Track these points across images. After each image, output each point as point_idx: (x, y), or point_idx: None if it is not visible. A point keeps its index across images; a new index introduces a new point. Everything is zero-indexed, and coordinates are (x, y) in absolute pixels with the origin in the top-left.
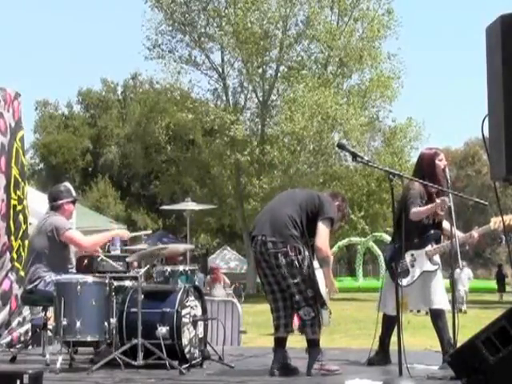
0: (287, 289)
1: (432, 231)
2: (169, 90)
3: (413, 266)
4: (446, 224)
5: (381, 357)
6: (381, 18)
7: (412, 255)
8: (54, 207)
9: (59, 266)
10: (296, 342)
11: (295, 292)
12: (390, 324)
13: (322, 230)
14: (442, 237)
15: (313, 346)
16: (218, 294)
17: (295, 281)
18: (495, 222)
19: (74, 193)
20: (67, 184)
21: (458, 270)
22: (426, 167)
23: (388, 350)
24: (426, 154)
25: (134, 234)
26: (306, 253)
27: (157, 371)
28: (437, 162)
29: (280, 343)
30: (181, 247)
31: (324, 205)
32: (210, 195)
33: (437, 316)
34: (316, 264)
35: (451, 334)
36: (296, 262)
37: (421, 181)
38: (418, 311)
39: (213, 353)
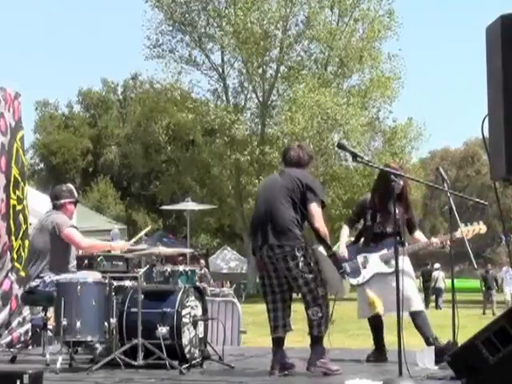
0: (298, 289)
1: (388, 239)
2: (169, 90)
3: (364, 267)
4: (418, 234)
5: (377, 354)
6: (381, 18)
7: (365, 257)
8: (56, 206)
9: (60, 265)
10: (296, 342)
11: (305, 292)
12: (376, 324)
13: (316, 212)
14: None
15: (317, 342)
16: None
17: (306, 280)
18: (462, 231)
19: (75, 194)
20: (70, 185)
21: (504, 268)
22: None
23: (383, 348)
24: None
25: (133, 240)
26: (309, 249)
27: (157, 371)
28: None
29: (279, 343)
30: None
31: (311, 187)
32: (210, 195)
33: (414, 317)
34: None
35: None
36: (305, 261)
37: (422, 181)
38: None
39: (213, 353)
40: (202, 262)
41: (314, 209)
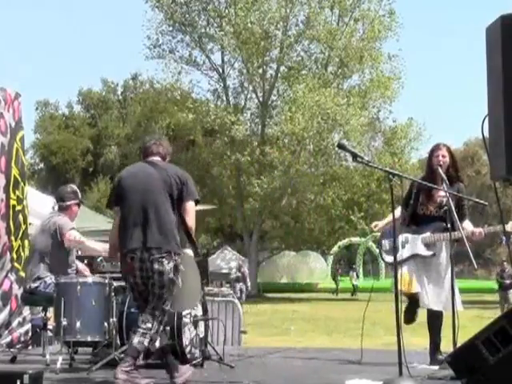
0: (154, 297)
1: (434, 222)
2: (169, 90)
3: (403, 246)
4: (466, 224)
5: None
6: (382, 18)
7: (406, 237)
8: (62, 208)
9: (60, 267)
10: (297, 343)
11: (157, 300)
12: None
13: (191, 209)
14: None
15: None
16: None
17: (170, 291)
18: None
19: (79, 195)
20: (74, 186)
21: None
22: (427, 162)
23: (414, 316)
24: (430, 149)
25: None
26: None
27: (157, 371)
28: (433, 158)
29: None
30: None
31: (188, 184)
32: (210, 195)
33: (430, 316)
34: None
35: (449, 336)
36: (178, 267)
37: (416, 179)
38: None
39: (213, 353)
40: (241, 263)
41: (190, 206)
